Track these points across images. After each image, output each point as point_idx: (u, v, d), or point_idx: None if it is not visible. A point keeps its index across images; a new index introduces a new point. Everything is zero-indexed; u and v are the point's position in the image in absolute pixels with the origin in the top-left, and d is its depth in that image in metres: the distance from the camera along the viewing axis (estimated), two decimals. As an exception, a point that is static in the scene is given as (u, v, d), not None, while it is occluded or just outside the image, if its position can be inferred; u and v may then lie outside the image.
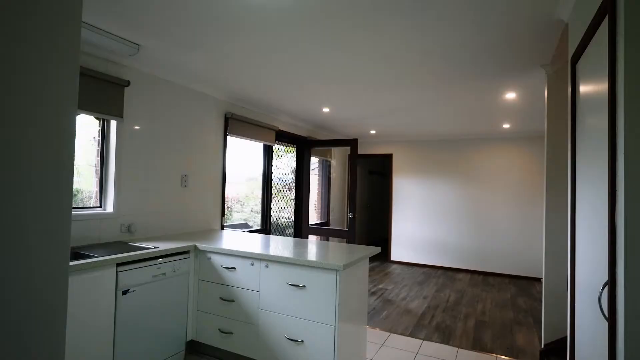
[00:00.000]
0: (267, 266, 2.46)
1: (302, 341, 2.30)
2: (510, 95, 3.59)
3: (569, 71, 1.88)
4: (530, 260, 5.71)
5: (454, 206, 6.28)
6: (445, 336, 3.37)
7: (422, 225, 6.52)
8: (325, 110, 4.47)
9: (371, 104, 4.10)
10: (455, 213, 6.26)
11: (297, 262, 2.32)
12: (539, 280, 5.61)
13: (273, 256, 2.41)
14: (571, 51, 1.83)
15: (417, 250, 6.55)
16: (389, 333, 3.39)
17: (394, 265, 6.50)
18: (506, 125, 5.18)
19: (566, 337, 1.97)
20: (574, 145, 1.79)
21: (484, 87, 3.33)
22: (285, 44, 2.45)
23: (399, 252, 6.72)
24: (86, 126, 2.75)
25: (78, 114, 2.56)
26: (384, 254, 7.09)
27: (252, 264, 2.53)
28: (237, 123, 4.01)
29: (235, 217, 4.79)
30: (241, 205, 4.87)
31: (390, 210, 6.80)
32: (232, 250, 2.59)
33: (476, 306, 4.30)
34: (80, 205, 2.73)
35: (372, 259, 6.94)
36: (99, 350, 2.10)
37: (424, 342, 3.22)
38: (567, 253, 1.87)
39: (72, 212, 2.51)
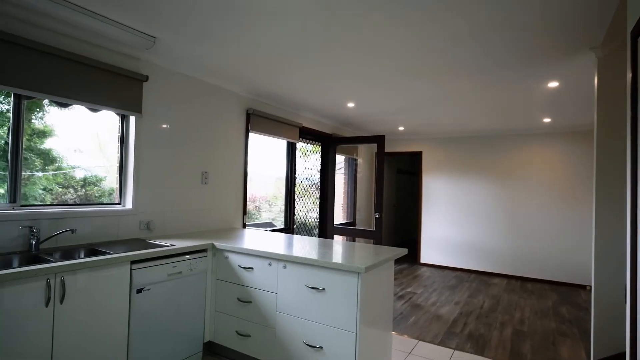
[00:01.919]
0: (285, 267, 2.33)
1: (322, 348, 2.15)
2: (553, 85, 3.26)
3: (628, 48, 1.61)
4: (574, 265, 5.26)
5: (488, 206, 5.91)
6: (479, 346, 3.11)
7: (453, 226, 6.19)
8: (350, 105, 4.30)
9: (398, 98, 3.89)
10: (490, 214, 5.89)
11: (316, 264, 2.17)
12: (584, 287, 5.15)
13: (291, 256, 2.28)
14: (631, 23, 1.56)
15: (448, 252, 6.22)
16: (417, 340, 3.17)
17: (424, 268, 6.21)
18: (547, 120, 4.78)
19: (623, 353, 1.69)
20: (635, 136, 1.53)
21: (522, 76, 3.04)
22: (307, 34, 2.31)
23: (428, 254, 6.42)
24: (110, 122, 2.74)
25: (99, 110, 2.55)
26: (413, 256, 6.80)
27: (270, 265, 2.41)
28: (258, 119, 3.92)
29: (263, 216, 4.78)
30: (269, 205, 4.83)
31: (420, 210, 6.51)
32: (249, 250, 2.48)
33: (513, 314, 3.97)
34: (104, 202, 2.72)
35: (400, 261, 6.68)
36: (113, 348, 2.04)
37: (456, 351, 2.98)
38: (625, 257, 1.61)
39: (92, 209, 2.51)
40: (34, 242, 2.13)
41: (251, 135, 3.95)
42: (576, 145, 5.31)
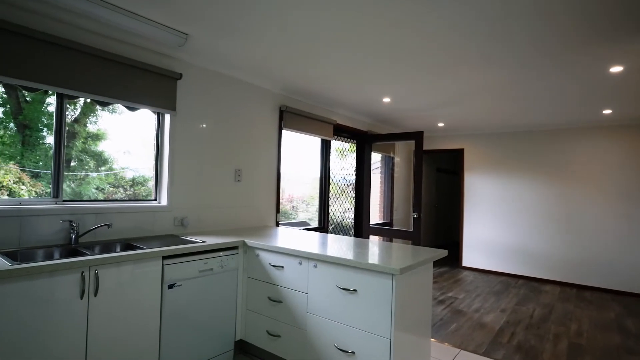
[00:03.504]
0: (315, 266, 2.24)
1: (354, 353, 2.03)
2: (616, 69, 2.90)
3: None
4: (641, 273, 4.71)
5: (538, 207, 5.46)
6: (529, 359, 2.83)
7: (499, 228, 5.79)
8: (386, 100, 4.13)
9: (438, 91, 3.67)
10: (541, 215, 5.44)
11: (347, 264, 2.06)
12: (653, 298, 4.60)
13: (321, 255, 2.18)
14: None
15: (493, 256, 5.83)
16: (458, 349, 2.95)
17: (466, 272, 5.87)
18: (607, 111, 4.32)
19: None
20: None
21: (579, 61, 2.73)
22: (341, 23, 2.21)
23: (471, 257, 6.05)
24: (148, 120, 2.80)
25: (137, 109, 2.61)
26: (455, 259, 6.47)
27: (300, 264, 2.32)
28: (292, 116, 3.87)
29: (300, 216, 4.78)
30: (306, 205, 4.80)
31: (462, 211, 6.17)
32: (279, 248, 2.42)
33: (569, 325, 3.60)
34: (140, 198, 2.79)
35: (441, 264, 6.37)
36: (145, 342, 2.06)
37: (502, 364, 2.73)
38: None
39: (129, 204, 2.57)
40: (73, 236, 2.20)
41: (286, 133, 3.91)
42: (643, 139, 4.76)
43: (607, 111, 4.32)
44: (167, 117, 2.80)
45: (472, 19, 2.12)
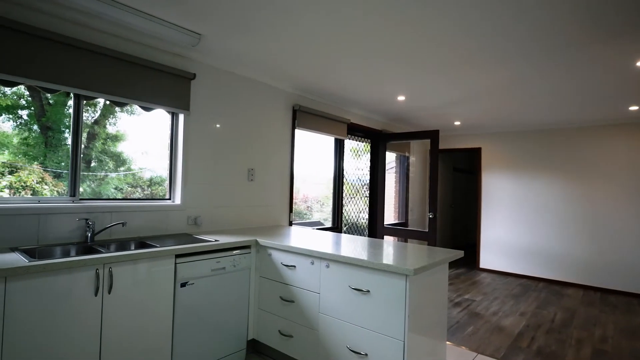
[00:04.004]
0: (327, 266, 2.21)
1: (366, 355, 1.99)
2: (644, 63, 2.77)
3: None
4: (671, 277, 4.49)
5: (561, 208, 5.28)
6: (550, 365, 2.73)
7: (518, 229, 5.63)
8: (401, 98, 4.07)
9: (453, 88, 3.58)
10: (562, 216, 5.25)
11: (360, 264, 2.02)
12: (684, 303, 4.37)
13: (333, 255, 2.15)
14: None
15: (512, 257, 5.67)
16: (475, 353, 2.86)
17: (484, 274, 5.73)
18: (634, 107, 4.13)
19: None
20: None
21: (604, 55, 2.61)
22: (354, 20, 2.18)
23: (489, 259, 5.91)
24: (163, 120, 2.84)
25: (152, 109, 2.64)
26: (472, 261, 6.33)
27: (312, 263, 2.30)
28: (305, 116, 3.86)
29: (315, 216, 4.78)
30: (321, 205, 4.79)
31: (479, 211, 6.03)
32: (291, 247, 2.40)
33: (593, 330, 3.46)
34: (155, 197, 2.82)
35: (457, 265, 6.24)
36: (158, 339, 2.07)
37: (522, 369, 2.64)
38: None
39: (143, 203, 2.60)
40: (89, 234, 2.24)
41: (299, 132, 3.90)
42: (672, 136, 4.54)
43: (634, 107, 4.14)
44: (181, 117, 2.82)
45: (492, 13, 2.05)
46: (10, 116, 2.25)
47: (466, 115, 4.89)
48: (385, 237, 4.99)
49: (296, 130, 3.82)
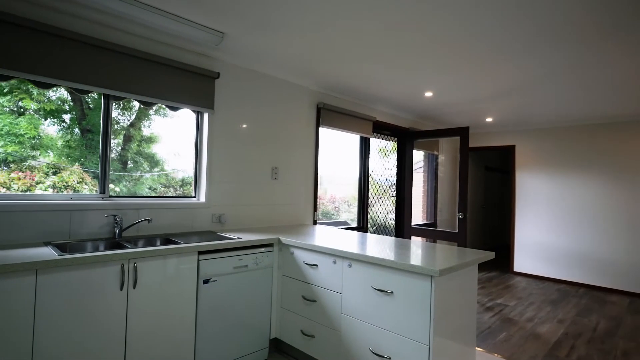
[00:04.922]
0: (350, 265, 2.15)
1: (389, 358, 1.92)
2: (700, 49, 2.51)
3: None
4: None
5: (602, 208, 4.93)
6: (592, 377, 2.53)
7: (556, 231, 5.31)
8: (428, 95, 3.94)
9: (484, 83, 3.42)
10: (605, 217, 4.90)
11: (383, 263, 1.95)
12: None
13: (355, 254, 2.09)
14: None
15: (550, 261, 5.36)
16: (508, 361, 2.71)
17: (518, 278, 5.45)
18: (688, 99, 3.78)
19: None
20: None
21: (654, 40, 2.39)
22: (381, 17, 2.11)
23: (524, 262, 5.61)
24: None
25: (179, 108, 2.69)
26: (505, 264, 6.05)
27: (335, 262, 2.25)
28: (329, 114, 3.81)
29: (342, 217, 4.78)
30: (348, 205, 4.76)
31: (513, 212, 5.75)
32: (313, 246, 2.36)
33: (641, 341, 3.19)
34: (182, 195, 2.87)
35: (489, 268, 5.98)
36: (181, 334, 2.10)
37: (560, 380, 2.46)
38: None
39: (169, 201, 2.65)
40: (117, 230, 2.30)
41: (324, 131, 3.86)
42: None
43: (688, 99, 3.79)
44: (206, 115, 2.86)
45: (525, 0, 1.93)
46: (55, 120, 2.38)
47: (498, 111, 4.67)
48: (412, 237, 4.86)
49: (320, 129, 3.79)
